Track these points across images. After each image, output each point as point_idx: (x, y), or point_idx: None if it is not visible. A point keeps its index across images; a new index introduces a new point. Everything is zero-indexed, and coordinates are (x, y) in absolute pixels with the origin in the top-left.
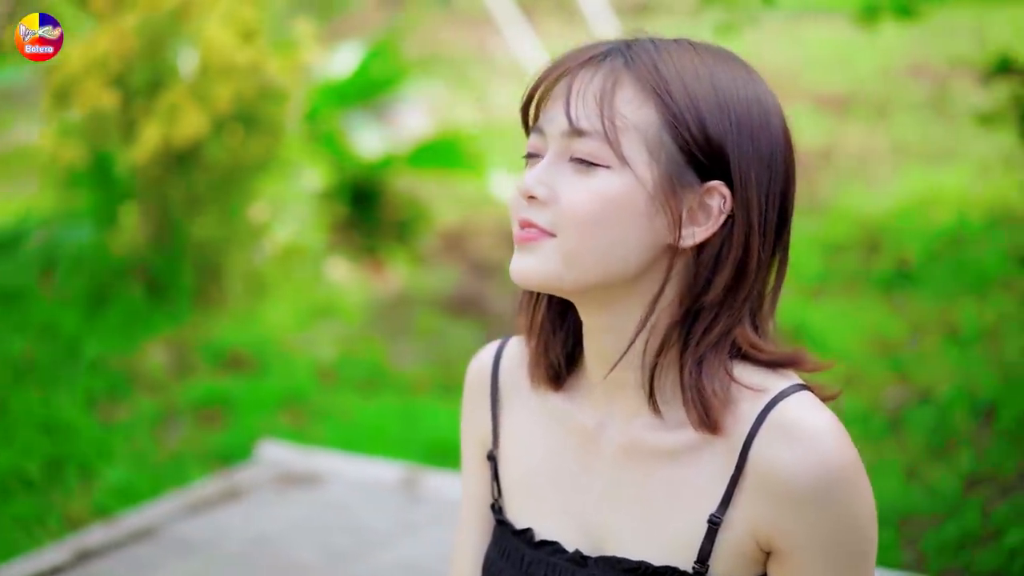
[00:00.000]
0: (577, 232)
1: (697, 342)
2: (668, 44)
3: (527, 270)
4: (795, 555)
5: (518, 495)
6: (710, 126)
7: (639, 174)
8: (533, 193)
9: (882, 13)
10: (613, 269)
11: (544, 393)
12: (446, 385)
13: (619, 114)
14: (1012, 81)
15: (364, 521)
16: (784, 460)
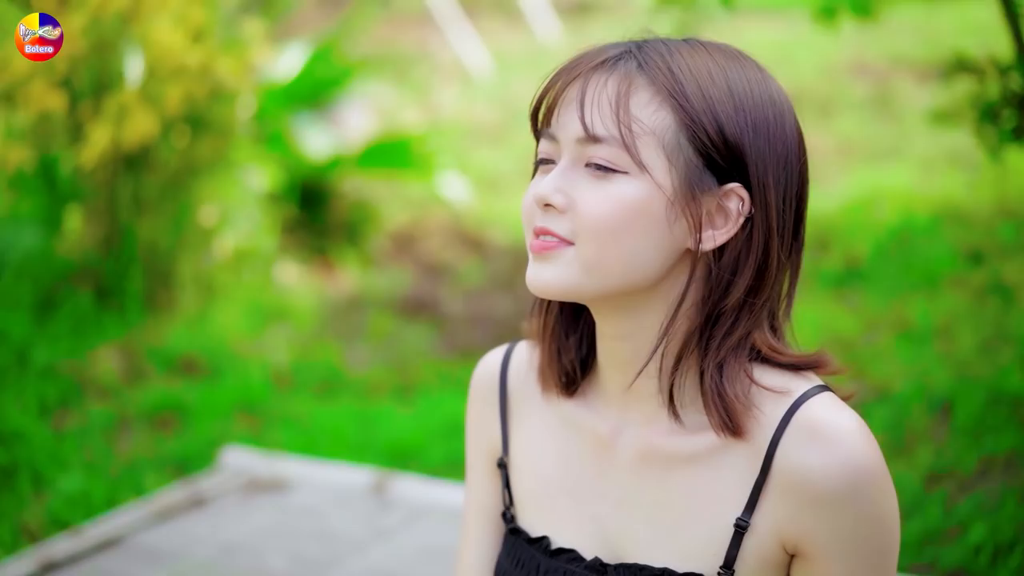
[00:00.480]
0: (596, 240)
1: (718, 346)
2: (680, 45)
3: (546, 280)
4: (821, 557)
5: (531, 503)
6: (727, 128)
7: (658, 179)
8: (550, 201)
9: (840, 12)
10: (633, 276)
11: (556, 399)
12: (404, 387)
13: (635, 119)
14: (970, 79)
15: (335, 527)
16: (812, 462)
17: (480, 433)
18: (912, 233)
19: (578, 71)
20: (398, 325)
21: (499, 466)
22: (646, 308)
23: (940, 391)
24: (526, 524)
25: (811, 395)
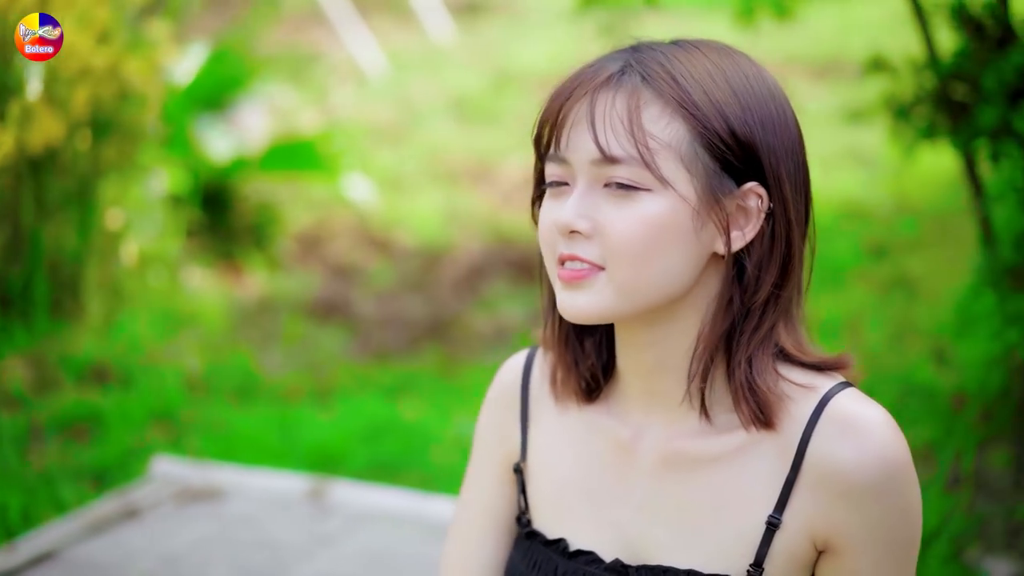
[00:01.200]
0: (629, 262)
1: (747, 340)
2: (674, 51)
3: (581, 307)
4: (852, 551)
5: (548, 507)
6: (738, 129)
7: (682, 192)
8: (576, 228)
9: (759, 12)
10: (667, 291)
11: (574, 405)
12: (321, 392)
13: (650, 135)
14: (885, 78)
15: (275, 535)
16: (845, 455)
17: (497, 438)
18: (815, 230)
19: (582, 91)
20: (310, 328)
21: (515, 471)
22: (674, 316)
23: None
24: (543, 527)
25: (837, 390)
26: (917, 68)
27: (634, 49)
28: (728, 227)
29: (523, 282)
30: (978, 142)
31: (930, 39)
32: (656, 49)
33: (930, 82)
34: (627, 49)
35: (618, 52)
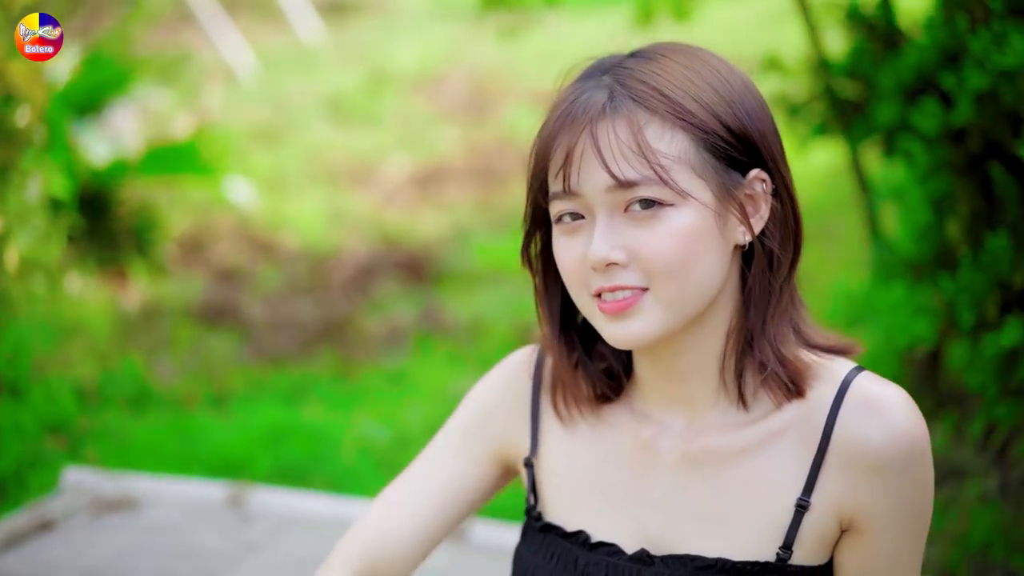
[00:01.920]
0: (671, 277)
1: (772, 320)
2: (646, 64)
3: (635, 334)
4: (875, 528)
5: (561, 502)
6: (733, 125)
7: (701, 199)
8: (612, 260)
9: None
10: (708, 295)
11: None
12: (217, 398)
13: (660, 153)
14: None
15: (198, 544)
16: (872, 434)
17: (496, 422)
18: None
19: (578, 126)
20: (199, 333)
21: (526, 465)
22: (704, 319)
23: None
24: (557, 522)
25: (855, 373)
26: (810, 68)
27: (605, 71)
28: (747, 216)
29: (412, 283)
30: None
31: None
32: (628, 67)
33: (822, 81)
34: (597, 73)
35: (591, 79)
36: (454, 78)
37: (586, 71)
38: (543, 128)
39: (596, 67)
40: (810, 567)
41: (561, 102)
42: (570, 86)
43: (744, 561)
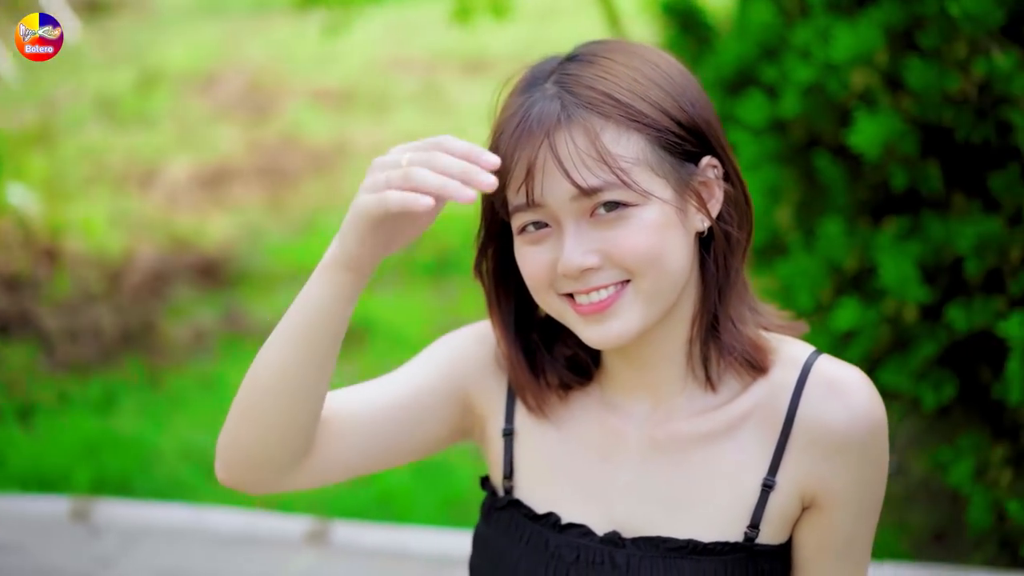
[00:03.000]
0: (649, 269)
1: (730, 300)
2: (590, 69)
3: (616, 335)
4: (835, 505)
5: (532, 481)
6: (681, 118)
7: (662, 196)
8: (587, 266)
9: (475, 12)
10: (680, 284)
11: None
12: (21, 411)
13: (619, 157)
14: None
15: (48, 561)
16: (835, 414)
17: (468, 367)
18: None
19: (535, 139)
20: None
21: (505, 435)
22: (673, 306)
23: None
24: (526, 498)
25: (815, 357)
26: None
27: (546, 78)
28: (704, 203)
29: (209, 286)
30: None
31: (621, 33)
32: (573, 73)
33: None
34: (540, 82)
35: (535, 88)
36: (227, 77)
37: (527, 80)
38: (497, 142)
39: (537, 75)
40: (774, 546)
41: (512, 115)
42: (515, 97)
43: (714, 542)
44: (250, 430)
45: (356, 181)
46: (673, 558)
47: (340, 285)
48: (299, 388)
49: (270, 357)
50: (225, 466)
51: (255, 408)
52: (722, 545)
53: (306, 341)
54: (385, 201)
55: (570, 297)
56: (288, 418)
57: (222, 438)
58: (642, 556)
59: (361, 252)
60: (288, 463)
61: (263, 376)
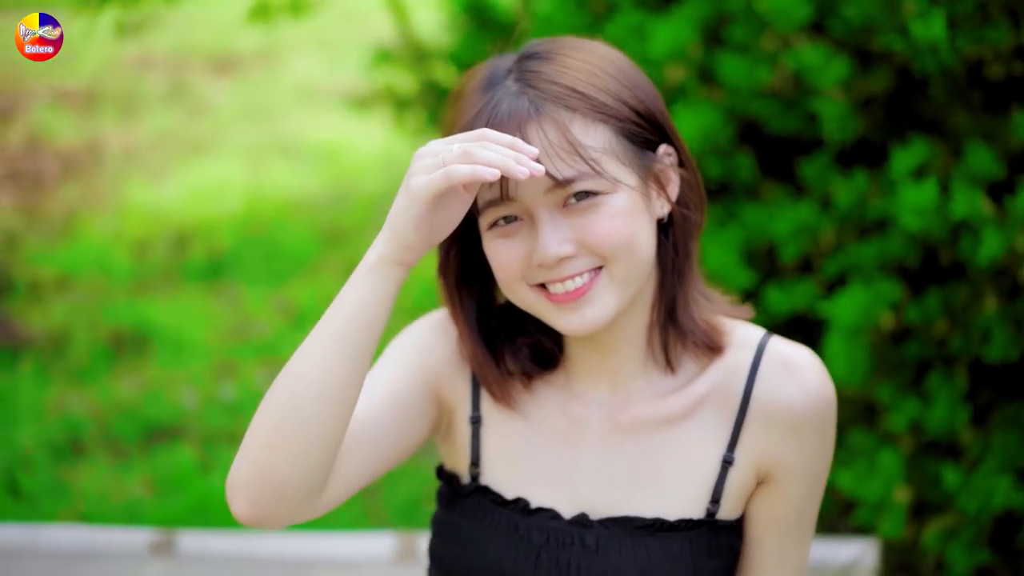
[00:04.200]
0: (622, 254)
1: (684, 283)
2: (550, 64)
3: (591, 321)
4: (787, 479)
5: (499, 468)
6: (640, 109)
7: (629, 183)
8: (563, 255)
9: (275, 10)
10: (648, 269)
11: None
12: None
13: (589, 148)
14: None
15: None
16: (790, 392)
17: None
18: (264, 222)
19: (508, 133)
20: None
21: (473, 422)
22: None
23: None
24: (494, 484)
25: (767, 338)
26: (415, 59)
27: (506, 76)
28: (664, 189)
29: None
30: None
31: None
32: (533, 70)
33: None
34: (500, 79)
35: (497, 86)
36: None
37: (485, 79)
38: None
39: (495, 73)
40: (732, 521)
41: (479, 112)
42: (477, 96)
43: (678, 519)
44: (289, 453)
45: (113, 183)
46: (641, 536)
47: (390, 282)
48: (343, 398)
49: (312, 369)
50: (250, 502)
51: (296, 427)
52: (686, 522)
53: (354, 346)
54: (451, 173)
55: (542, 288)
56: (331, 432)
57: (244, 473)
58: (611, 536)
59: (415, 240)
60: (318, 486)
61: (304, 391)
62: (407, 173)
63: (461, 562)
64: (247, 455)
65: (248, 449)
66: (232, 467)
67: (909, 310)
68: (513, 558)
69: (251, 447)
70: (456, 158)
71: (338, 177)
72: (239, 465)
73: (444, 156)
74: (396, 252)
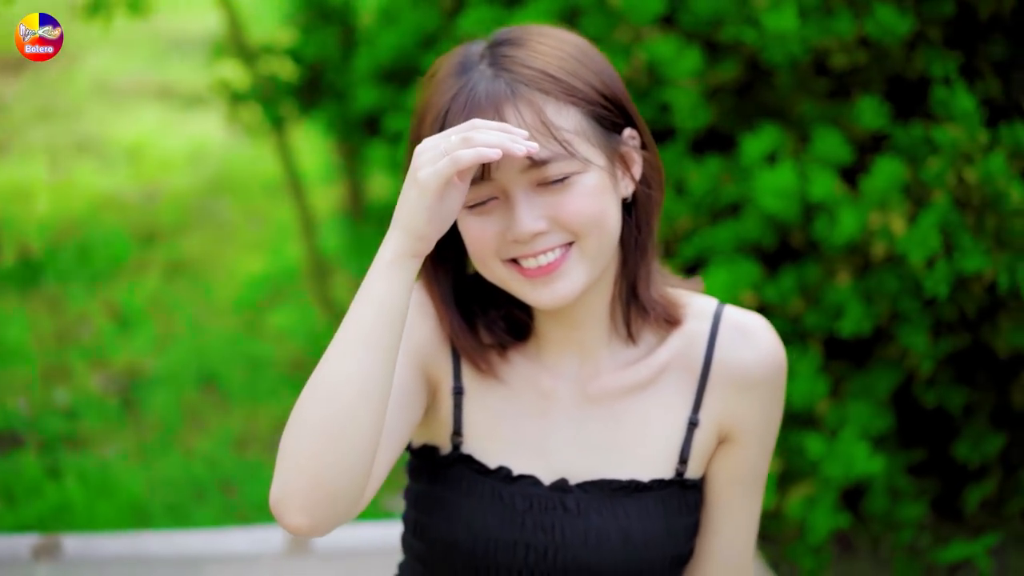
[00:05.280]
0: (593, 231)
1: (644, 260)
2: (522, 50)
3: (561, 294)
4: (745, 437)
5: (481, 439)
6: (607, 94)
7: (599, 164)
8: (537, 231)
9: (114, 8)
10: (614, 245)
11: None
12: None
13: (563, 130)
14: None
15: None
16: (747, 355)
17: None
18: (74, 223)
19: (485, 115)
20: None
21: (456, 393)
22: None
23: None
24: (476, 453)
25: (722, 307)
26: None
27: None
28: (630, 170)
29: None
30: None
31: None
32: (506, 55)
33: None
34: (473, 65)
35: (471, 70)
36: None
37: (458, 64)
38: (445, 120)
39: (467, 59)
40: (697, 479)
41: (456, 95)
42: (451, 79)
43: (651, 480)
44: (338, 459)
45: None
46: (618, 497)
47: (409, 274)
48: (381, 396)
49: (350, 374)
50: (306, 512)
51: (343, 432)
52: (658, 482)
53: (384, 341)
54: (457, 158)
55: (514, 263)
56: (373, 432)
57: (296, 486)
58: (590, 498)
59: (428, 231)
60: (365, 485)
61: (346, 397)
62: (411, 169)
63: (446, 531)
64: (295, 467)
65: (295, 460)
66: (277, 482)
67: (766, 289)
68: (499, 524)
69: (298, 458)
70: (457, 145)
71: (145, 175)
72: (287, 479)
73: (444, 146)
74: (412, 245)
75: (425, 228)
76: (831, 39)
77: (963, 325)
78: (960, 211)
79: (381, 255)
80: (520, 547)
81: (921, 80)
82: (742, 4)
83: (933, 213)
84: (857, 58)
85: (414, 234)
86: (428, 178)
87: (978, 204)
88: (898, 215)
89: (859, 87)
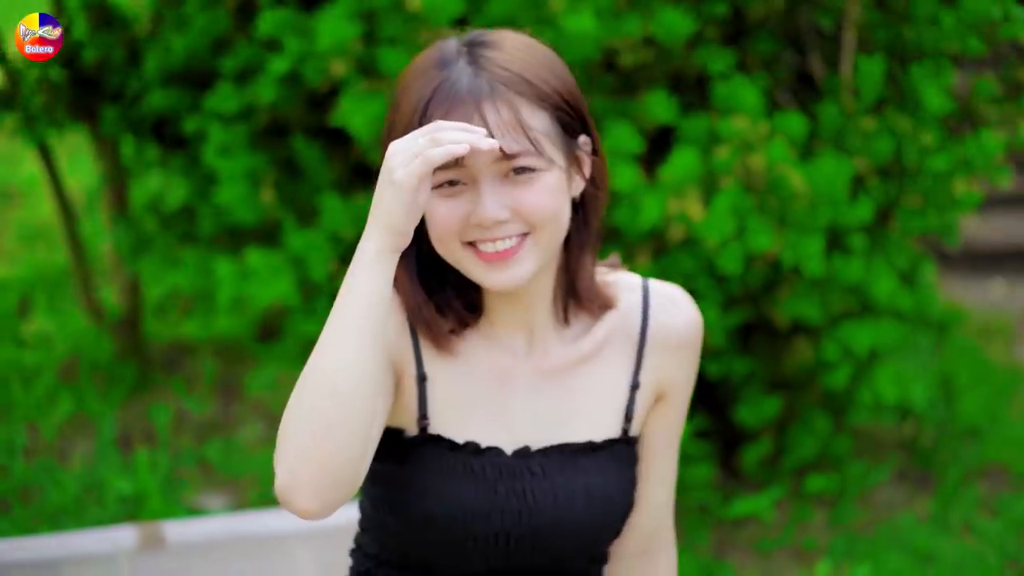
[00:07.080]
0: (548, 225)
1: (585, 252)
2: (499, 53)
3: (513, 279)
4: (675, 396)
5: (448, 415)
6: (569, 99)
7: (560, 165)
8: (500, 218)
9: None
10: (563, 238)
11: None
12: None
13: (534, 129)
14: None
15: None
16: (677, 321)
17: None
18: None
19: (466, 107)
20: None
21: (419, 380)
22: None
23: None
24: (445, 432)
25: (647, 281)
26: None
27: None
28: (583, 173)
29: None
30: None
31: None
32: (485, 55)
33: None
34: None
35: (451, 65)
36: None
37: (437, 59)
38: (426, 108)
39: (445, 55)
40: (636, 436)
41: (438, 86)
42: (431, 71)
43: (604, 440)
44: (341, 444)
45: None
46: (577, 458)
47: (391, 268)
48: (376, 381)
49: (346, 363)
50: (316, 496)
51: (344, 419)
52: (610, 441)
53: (375, 330)
54: (428, 158)
55: (472, 246)
56: (370, 416)
57: (304, 473)
58: (551, 461)
59: (407, 227)
60: (364, 468)
61: (344, 384)
62: (384, 171)
63: (419, 506)
64: (302, 455)
65: (300, 448)
66: (282, 471)
67: None
68: (474, 495)
69: (303, 447)
70: (426, 145)
71: None
72: (293, 467)
73: (415, 149)
74: (393, 241)
75: (404, 225)
76: (620, 39)
77: (747, 299)
78: (747, 195)
79: (364, 252)
80: (496, 513)
81: (700, 76)
82: (537, 6)
83: (725, 198)
84: (643, 56)
85: (394, 231)
86: (404, 179)
87: (763, 188)
88: (694, 201)
89: (645, 83)
